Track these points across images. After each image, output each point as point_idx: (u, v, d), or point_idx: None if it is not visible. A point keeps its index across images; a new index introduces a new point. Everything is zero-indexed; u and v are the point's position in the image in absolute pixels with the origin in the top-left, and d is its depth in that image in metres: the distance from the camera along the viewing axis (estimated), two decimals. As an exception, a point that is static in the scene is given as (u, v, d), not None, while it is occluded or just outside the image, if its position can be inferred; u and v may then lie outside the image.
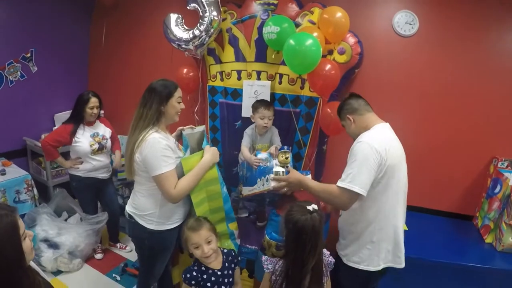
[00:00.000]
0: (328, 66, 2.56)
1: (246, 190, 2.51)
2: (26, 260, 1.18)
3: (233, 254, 2.12)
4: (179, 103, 2.08)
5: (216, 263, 1.99)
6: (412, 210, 2.83)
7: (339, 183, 1.81)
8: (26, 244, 1.19)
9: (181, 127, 2.33)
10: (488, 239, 2.60)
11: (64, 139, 3.02)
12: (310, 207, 1.68)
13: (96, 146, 3.09)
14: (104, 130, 3.22)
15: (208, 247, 1.90)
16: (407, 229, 2.56)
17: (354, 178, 1.76)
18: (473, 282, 2.38)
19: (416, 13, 2.84)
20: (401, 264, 1.97)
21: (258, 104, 2.73)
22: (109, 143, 3.22)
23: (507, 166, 2.69)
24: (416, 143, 2.85)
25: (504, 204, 2.50)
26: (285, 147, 2.26)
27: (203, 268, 1.96)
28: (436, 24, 2.82)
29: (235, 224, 2.43)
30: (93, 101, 3.05)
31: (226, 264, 2.03)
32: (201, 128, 2.41)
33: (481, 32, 2.71)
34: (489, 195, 2.69)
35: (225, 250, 2.10)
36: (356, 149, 1.82)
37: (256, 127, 2.80)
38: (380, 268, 1.92)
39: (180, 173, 2.03)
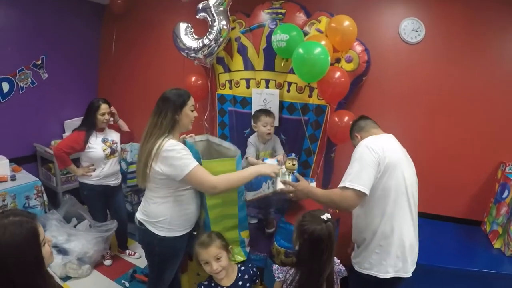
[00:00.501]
0: (337, 74, 2.59)
1: (250, 195, 2.50)
2: (45, 265, 1.20)
3: (251, 272, 2.12)
4: (192, 111, 2.11)
5: (226, 280, 2.01)
6: (420, 216, 2.84)
7: (341, 184, 1.84)
8: (46, 250, 1.21)
9: (183, 136, 2.35)
10: (497, 244, 2.59)
11: (79, 146, 3.05)
12: (324, 216, 1.68)
13: (108, 150, 3.13)
14: (113, 135, 3.26)
15: (217, 264, 1.92)
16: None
17: (355, 177, 1.80)
18: (482, 288, 2.37)
19: (422, 21, 2.86)
20: (407, 272, 1.96)
21: (259, 113, 2.81)
22: (119, 147, 3.26)
23: None
24: (424, 149, 2.87)
25: None
26: (293, 154, 2.27)
27: (213, 284, 1.99)
28: (442, 31, 2.83)
29: (247, 233, 2.45)
30: (104, 107, 3.09)
31: (240, 283, 2.04)
32: (203, 137, 2.43)
33: (487, 38, 2.72)
34: (497, 200, 2.68)
35: (243, 268, 2.09)
36: (354, 152, 1.90)
37: (259, 135, 2.85)
38: (389, 276, 1.91)
39: None
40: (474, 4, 2.72)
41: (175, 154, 1.91)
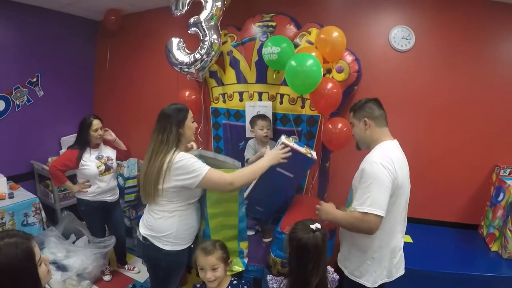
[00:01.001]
0: (329, 85, 2.63)
1: (284, 138, 2.40)
2: (42, 285, 1.23)
3: None
4: (193, 122, 2.19)
5: None
6: (417, 222, 2.92)
7: (360, 208, 1.74)
8: (42, 270, 1.23)
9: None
10: (494, 247, 2.61)
11: (72, 163, 3.06)
12: (313, 226, 1.71)
13: (102, 167, 3.13)
14: (108, 152, 3.26)
15: (211, 273, 1.93)
16: (412, 241, 2.64)
17: (374, 201, 1.72)
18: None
19: (412, 28, 2.91)
20: (391, 278, 1.97)
21: (255, 118, 2.90)
22: (114, 164, 3.26)
23: (509, 174, 2.72)
24: (418, 155, 2.86)
25: (508, 212, 2.52)
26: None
27: None
28: (432, 37, 2.88)
29: (246, 244, 2.47)
30: (96, 123, 3.10)
31: None
32: (195, 152, 2.47)
33: (478, 43, 2.77)
34: (492, 203, 2.71)
35: (235, 282, 2.08)
36: (370, 171, 1.77)
37: (257, 139, 2.92)
38: (377, 285, 1.93)
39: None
40: (463, 10, 2.77)
41: (186, 162, 1.96)
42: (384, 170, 1.74)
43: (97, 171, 3.08)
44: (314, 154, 2.36)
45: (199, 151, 2.49)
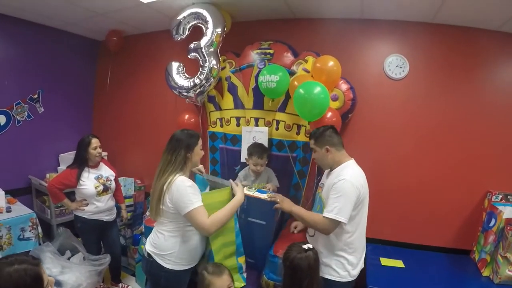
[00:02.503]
0: (329, 114, 2.72)
1: (245, 190, 2.57)
2: None
3: None
4: (201, 150, 2.30)
5: None
6: (409, 247, 2.97)
7: (327, 214, 2.08)
8: None
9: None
10: (486, 272, 2.62)
11: (71, 182, 3.11)
12: (305, 246, 1.83)
13: (101, 187, 3.17)
14: (107, 172, 3.30)
15: None
16: (403, 266, 2.67)
17: (340, 210, 2.05)
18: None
19: (406, 56, 2.98)
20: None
21: (253, 152, 2.92)
22: (113, 184, 3.30)
23: (501, 200, 2.76)
24: (411, 180, 2.98)
25: (499, 237, 2.54)
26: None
27: None
28: (426, 66, 2.96)
29: (243, 258, 2.52)
30: (94, 141, 3.15)
31: None
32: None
33: (470, 70, 2.85)
34: (484, 229, 2.73)
35: None
36: (341, 186, 2.09)
37: (250, 169, 2.98)
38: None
39: None
40: (455, 37, 2.86)
41: (183, 190, 2.05)
42: (353, 187, 2.09)
43: (94, 191, 3.12)
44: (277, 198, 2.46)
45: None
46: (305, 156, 3.02)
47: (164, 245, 2.17)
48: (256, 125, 3.15)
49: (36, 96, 4.10)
